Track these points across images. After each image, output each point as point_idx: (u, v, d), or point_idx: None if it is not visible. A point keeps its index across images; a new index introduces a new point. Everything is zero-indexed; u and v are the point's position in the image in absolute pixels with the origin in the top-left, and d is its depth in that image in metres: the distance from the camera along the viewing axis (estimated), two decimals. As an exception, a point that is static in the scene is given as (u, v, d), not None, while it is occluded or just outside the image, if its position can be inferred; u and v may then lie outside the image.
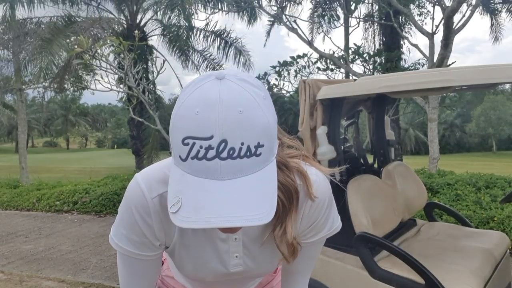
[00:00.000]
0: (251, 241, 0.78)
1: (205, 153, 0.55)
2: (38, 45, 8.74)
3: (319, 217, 0.78)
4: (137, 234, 0.73)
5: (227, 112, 0.55)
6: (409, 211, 2.37)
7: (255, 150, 0.56)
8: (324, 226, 0.81)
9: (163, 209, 0.70)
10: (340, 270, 1.99)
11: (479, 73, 1.57)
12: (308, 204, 0.75)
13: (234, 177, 0.55)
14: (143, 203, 0.70)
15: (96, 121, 52.31)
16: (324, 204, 0.77)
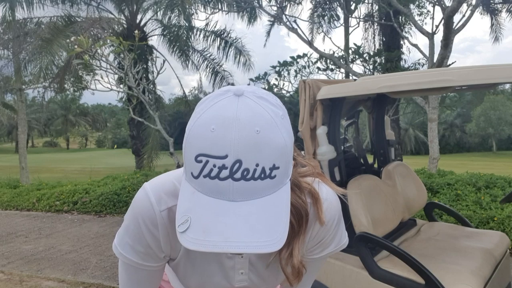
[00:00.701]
0: (257, 258, 0.77)
1: (218, 173, 0.53)
2: (38, 45, 8.74)
3: (327, 235, 0.77)
4: (142, 245, 0.71)
5: (243, 132, 0.53)
6: (409, 211, 2.37)
7: (270, 172, 0.54)
8: (331, 242, 0.80)
9: (171, 223, 0.68)
10: (340, 270, 1.99)
11: (479, 73, 1.57)
12: (317, 226, 0.74)
13: (246, 199, 0.54)
14: (151, 215, 0.68)
15: (96, 121, 52.32)
16: (333, 224, 0.76)
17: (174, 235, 0.69)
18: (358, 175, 2.12)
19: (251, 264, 0.77)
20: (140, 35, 4.61)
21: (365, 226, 1.89)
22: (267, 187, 0.55)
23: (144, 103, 5.15)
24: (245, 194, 0.53)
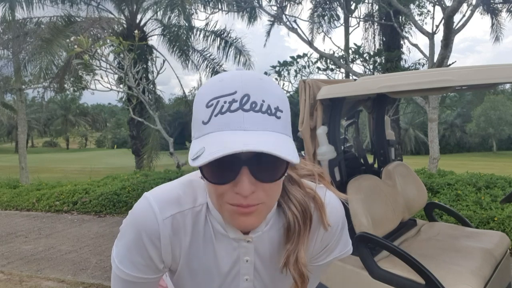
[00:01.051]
0: (263, 264, 0.75)
1: (228, 107, 0.56)
2: (38, 45, 8.74)
3: (332, 240, 0.78)
4: (143, 257, 0.69)
5: (249, 77, 0.59)
6: (409, 211, 2.37)
7: (275, 111, 0.58)
8: (336, 248, 0.80)
9: (174, 232, 0.68)
10: (340, 270, 1.99)
11: (479, 73, 1.57)
12: (321, 231, 0.74)
13: (257, 129, 0.56)
14: (153, 225, 0.67)
15: (96, 121, 52.33)
16: (338, 229, 0.77)
17: (176, 243, 0.70)
18: (358, 175, 2.12)
19: (256, 270, 0.75)
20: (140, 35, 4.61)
21: (365, 226, 1.89)
22: (275, 125, 0.57)
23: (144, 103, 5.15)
24: (256, 124, 0.56)
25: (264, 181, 0.59)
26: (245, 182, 0.57)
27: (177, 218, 0.68)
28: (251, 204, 0.59)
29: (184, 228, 0.69)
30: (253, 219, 0.61)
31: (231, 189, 0.59)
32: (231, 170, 0.57)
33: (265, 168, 0.57)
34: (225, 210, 0.62)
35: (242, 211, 0.60)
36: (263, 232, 0.72)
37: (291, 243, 0.70)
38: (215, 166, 0.56)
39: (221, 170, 0.57)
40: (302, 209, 0.70)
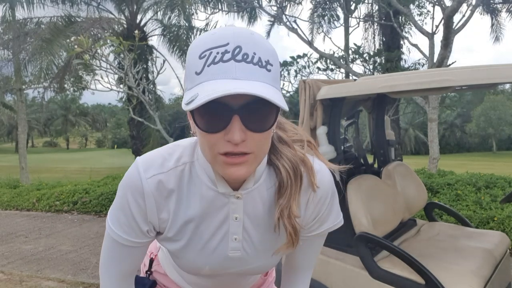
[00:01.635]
0: (252, 223, 0.77)
1: (221, 57, 0.58)
2: (38, 45, 8.75)
3: (323, 209, 0.79)
4: (126, 215, 0.72)
5: (240, 31, 0.61)
6: (409, 211, 2.37)
7: (265, 64, 0.60)
8: (328, 218, 0.81)
9: (159, 192, 0.71)
10: (340, 270, 1.99)
11: (479, 73, 1.57)
12: (312, 195, 0.76)
13: (248, 78, 0.58)
14: (137, 184, 0.70)
15: (96, 121, 52.35)
16: (328, 196, 0.78)
17: (162, 205, 0.72)
18: (358, 175, 2.12)
19: (245, 230, 0.76)
20: (140, 35, 4.61)
21: (365, 226, 1.89)
22: (265, 76, 0.60)
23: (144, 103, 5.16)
24: (247, 74, 0.58)
25: (254, 131, 0.61)
26: (236, 130, 0.59)
27: (160, 178, 0.71)
28: (242, 151, 0.61)
29: (169, 187, 0.72)
30: (243, 169, 0.63)
31: (222, 138, 0.61)
32: (222, 118, 0.59)
33: (255, 117, 0.60)
34: (217, 162, 0.64)
35: (233, 161, 0.62)
36: (253, 189, 0.73)
37: (284, 198, 0.72)
38: (208, 114, 0.59)
39: (213, 119, 0.60)
40: (293, 166, 0.72)
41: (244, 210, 0.74)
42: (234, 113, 0.59)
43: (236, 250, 0.77)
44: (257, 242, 0.78)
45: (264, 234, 0.77)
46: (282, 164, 0.73)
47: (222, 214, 0.75)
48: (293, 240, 0.73)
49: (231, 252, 0.77)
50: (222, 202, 0.74)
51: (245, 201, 0.74)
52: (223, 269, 0.80)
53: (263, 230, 0.77)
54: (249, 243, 0.78)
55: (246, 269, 0.82)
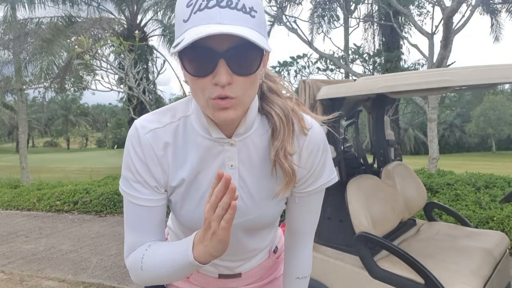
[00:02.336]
0: (247, 171, 0.79)
1: (206, 4, 0.61)
2: (39, 45, 8.75)
3: (316, 162, 0.81)
4: (132, 172, 0.76)
5: None
6: (409, 211, 2.37)
7: (249, 10, 0.63)
8: (322, 173, 0.84)
9: (156, 144, 0.76)
10: (340, 270, 2.00)
11: (479, 73, 1.58)
12: (304, 142, 0.79)
13: (232, 23, 0.61)
14: (136, 139, 0.76)
15: (96, 121, 52.38)
16: (320, 149, 0.81)
17: (163, 158, 0.77)
18: (358, 175, 2.13)
19: (241, 178, 0.79)
20: (141, 35, 4.62)
21: (365, 226, 1.90)
22: (249, 22, 0.63)
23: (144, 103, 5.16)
24: (231, 19, 0.61)
25: (240, 74, 0.64)
26: (222, 72, 0.63)
27: (157, 132, 0.76)
28: (229, 95, 0.65)
29: (165, 140, 0.77)
30: (231, 112, 0.67)
31: (210, 82, 0.64)
32: (209, 63, 0.63)
33: (240, 61, 0.63)
34: (208, 106, 0.68)
35: (221, 105, 0.66)
36: (246, 137, 0.77)
37: (278, 140, 0.76)
38: (195, 60, 0.64)
39: (200, 64, 0.64)
40: (284, 113, 0.77)
41: (238, 158, 0.78)
42: (220, 56, 0.62)
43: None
44: (254, 190, 0.80)
45: (260, 181, 0.80)
46: (274, 111, 0.77)
47: (218, 163, 0.78)
48: (291, 179, 0.77)
49: None
50: (217, 150, 0.77)
51: (239, 148, 0.77)
52: None
53: (259, 177, 0.80)
54: (246, 192, 0.80)
55: (246, 221, 0.82)
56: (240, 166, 0.78)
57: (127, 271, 3.50)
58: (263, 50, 0.64)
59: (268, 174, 0.79)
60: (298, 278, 0.95)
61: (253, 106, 0.76)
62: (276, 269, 1.06)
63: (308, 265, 0.95)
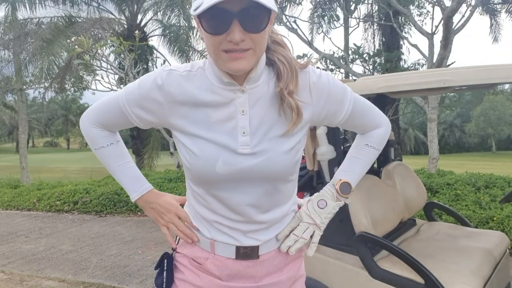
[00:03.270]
0: (258, 117, 0.87)
1: None
2: (39, 46, 8.75)
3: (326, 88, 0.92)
4: (142, 94, 0.89)
5: None
6: (409, 211, 2.38)
7: None
8: (340, 91, 0.95)
9: (174, 78, 0.87)
10: (340, 270, 2.00)
11: (479, 73, 1.58)
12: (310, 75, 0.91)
13: None
14: (157, 72, 0.89)
15: (96, 121, 52.19)
16: (327, 80, 0.93)
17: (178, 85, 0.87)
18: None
19: (252, 124, 0.87)
20: (141, 35, 4.62)
21: (365, 226, 1.90)
22: None
23: (144, 103, 5.16)
24: None
25: (251, 32, 0.76)
26: (236, 31, 0.74)
27: (173, 73, 0.88)
28: (241, 48, 0.77)
29: (184, 81, 0.88)
30: (243, 62, 0.79)
31: (225, 39, 0.76)
32: (224, 22, 0.74)
33: (251, 20, 0.75)
34: (221, 58, 0.79)
35: (234, 56, 0.78)
36: (256, 86, 0.87)
37: (283, 81, 0.85)
38: (212, 19, 0.75)
39: (217, 23, 0.75)
40: (286, 59, 0.87)
41: (249, 104, 0.87)
42: (234, 17, 0.74)
43: (245, 145, 0.86)
44: (264, 131, 0.87)
45: (269, 123, 0.88)
46: (278, 58, 0.88)
47: (231, 109, 0.86)
48: (297, 114, 0.86)
49: (241, 148, 0.86)
50: (230, 98, 0.86)
51: (250, 96, 0.86)
52: (236, 165, 0.86)
53: (268, 120, 0.88)
54: (256, 134, 0.87)
55: (261, 161, 0.87)
56: (251, 111, 0.87)
57: (127, 271, 3.50)
58: (271, 10, 0.75)
59: (276, 117, 0.88)
60: (367, 145, 1.07)
61: (262, 58, 0.86)
62: (297, 266, 1.04)
63: (379, 138, 1.07)
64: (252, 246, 0.93)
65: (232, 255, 0.93)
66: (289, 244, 0.96)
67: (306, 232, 0.98)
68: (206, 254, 0.95)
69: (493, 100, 34.60)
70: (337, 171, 1.08)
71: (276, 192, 0.93)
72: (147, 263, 3.68)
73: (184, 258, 0.99)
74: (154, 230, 4.87)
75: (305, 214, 0.99)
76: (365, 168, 1.08)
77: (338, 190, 1.01)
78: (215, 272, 0.95)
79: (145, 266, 3.62)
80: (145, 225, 5.17)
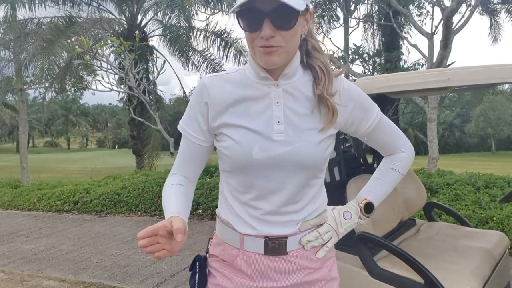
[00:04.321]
0: (291, 110, 0.95)
1: None
2: (39, 46, 8.76)
3: (356, 97, 1.00)
4: (192, 106, 0.99)
5: None
6: (409, 210, 2.38)
7: None
8: (367, 105, 1.02)
9: (214, 85, 0.97)
10: (340, 269, 1.99)
11: (479, 73, 1.58)
12: (341, 83, 0.99)
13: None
14: (200, 84, 0.99)
15: (96, 121, 52.40)
16: (356, 89, 1.01)
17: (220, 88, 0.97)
18: (358, 175, 2.13)
19: (286, 115, 0.94)
20: (141, 35, 4.62)
21: (365, 225, 1.90)
22: None
23: (144, 103, 5.17)
24: None
25: (281, 29, 0.85)
26: (267, 28, 0.84)
27: (216, 77, 0.99)
28: (271, 45, 0.86)
29: (223, 82, 0.98)
30: (275, 57, 0.87)
31: (258, 36, 0.86)
32: (257, 21, 0.84)
33: (281, 19, 0.84)
34: (257, 53, 0.88)
35: (266, 51, 0.87)
36: (290, 82, 0.95)
37: (321, 85, 0.94)
38: (248, 18, 0.86)
39: (251, 21, 0.86)
40: (325, 65, 0.97)
41: (283, 97, 0.95)
42: (265, 16, 0.83)
43: (279, 133, 0.93)
44: (296, 122, 0.94)
45: (302, 116, 0.95)
46: (316, 64, 0.97)
47: (267, 101, 0.95)
48: (334, 113, 0.94)
49: (276, 135, 0.93)
50: (266, 92, 0.95)
51: (284, 91, 0.95)
52: (271, 151, 0.92)
53: (301, 113, 0.95)
54: (289, 124, 0.94)
55: (292, 150, 0.93)
56: (285, 105, 0.94)
57: (127, 271, 3.51)
58: (299, 11, 0.83)
59: (309, 112, 0.95)
60: (392, 169, 1.14)
61: (297, 56, 0.95)
62: (327, 267, 1.04)
63: (403, 163, 1.14)
64: (279, 239, 0.96)
65: (261, 250, 0.96)
66: (310, 238, 0.98)
67: (327, 234, 1.01)
68: (236, 251, 0.98)
69: (493, 100, 34.60)
70: (362, 190, 1.13)
71: (307, 186, 0.98)
72: (147, 263, 3.69)
73: (216, 262, 1.03)
74: (154, 230, 4.87)
75: (331, 217, 1.04)
76: (388, 190, 1.15)
77: (362, 208, 1.07)
78: (244, 269, 0.97)
79: (145, 266, 3.62)
80: (145, 225, 5.16)
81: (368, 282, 1.85)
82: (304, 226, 0.98)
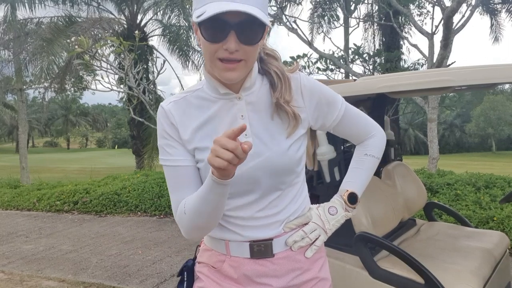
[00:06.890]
0: (256, 119, 0.94)
1: None
2: (39, 45, 8.75)
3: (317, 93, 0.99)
4: (164, 137, 0.95)
5: None
6: (409, 211, 2.37)
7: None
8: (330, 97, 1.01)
9: (177, 109, 0.94)
10: (340, 270, 2.00)
11: (479, 73, 1.58)
12: (301, 80, 0.97)
13: (243, 2, 0.78)
14: (162, 111, 0.95)
15: (96, 121, 52.39)
16: (315, 84, 0.99)
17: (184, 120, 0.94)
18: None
19: (252, 126, 0.93)
20: (141, 35, 4.62)
21: (365, 226, 1.90)
22: (257, 2, 0.80)
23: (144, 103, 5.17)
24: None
25: (246, 44, 0.81)
26: (232, 41, 0.80)
27: (177, 102, 0.96)
28: (235, 58, 0.82)
29: (185, 106, 0.95)
30: (236, 73, 0.85)
31: (221, 48, 0.81)
32: (222, 32, 0.79)
33: (246, 33, 0.80)
34: (216, 67, 0.84)
35: (228, 67, 0.83)
36: (251, 92, 0.94)
37: (277, 91, 0.93)
38: (211, 28, 0.80)
39: (215, 32, 0.80)
40: (280, 70, 0.95)
41: (247, 109, 0.93)
42: (231, 28, 0.79)
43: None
44: (262, 132, 0.94)
45: (267, 125, 0.94)
46: (271, 69, 0.95)
47: (231, 116, 0.93)
48: (296, 119, 0.94)
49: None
50: (228, 106, 0.93)
51: (246, 103, 0.93)
52: (243, 165, 0.88)
53: (265, 122, 0.94)
54: (256, 135, 0.93)
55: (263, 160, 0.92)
56: (249, 116, 0.94)
57: (127, 271, 3.50)
58: (265, 26, 0.81)
59: (273, 120, 0.95)
60: (366, 155, 1.10)
61: (255, 67, 0.93)
62: (316, 268, 1.03)
63: (376, 147, 1.10)
64: (264, 242, 0.95)
65: (247, 254, 0.95)
66: (296, 239, 0.98)
67: (314, 233, 1.00)
68: (223, 257, 0.98)
69: (493, 100, 34.59)
70: (343, 183, 1.11)
71: (285, 189, 0.97)
72: (147, 263, 3.68)
73: (204, 267, 1.03)
74: (154, 230, 4.88)
75: (316, 215, 1.03)
76: (368, 177, 1.11)
77: (346, 200, 1.05)
78: (232, 274, 0.97)
79: (145, 266, 3.62)
80: (145, 225, 5.17)
81: (368, 282, 1.85)
82: (288, 227, 0.98)
